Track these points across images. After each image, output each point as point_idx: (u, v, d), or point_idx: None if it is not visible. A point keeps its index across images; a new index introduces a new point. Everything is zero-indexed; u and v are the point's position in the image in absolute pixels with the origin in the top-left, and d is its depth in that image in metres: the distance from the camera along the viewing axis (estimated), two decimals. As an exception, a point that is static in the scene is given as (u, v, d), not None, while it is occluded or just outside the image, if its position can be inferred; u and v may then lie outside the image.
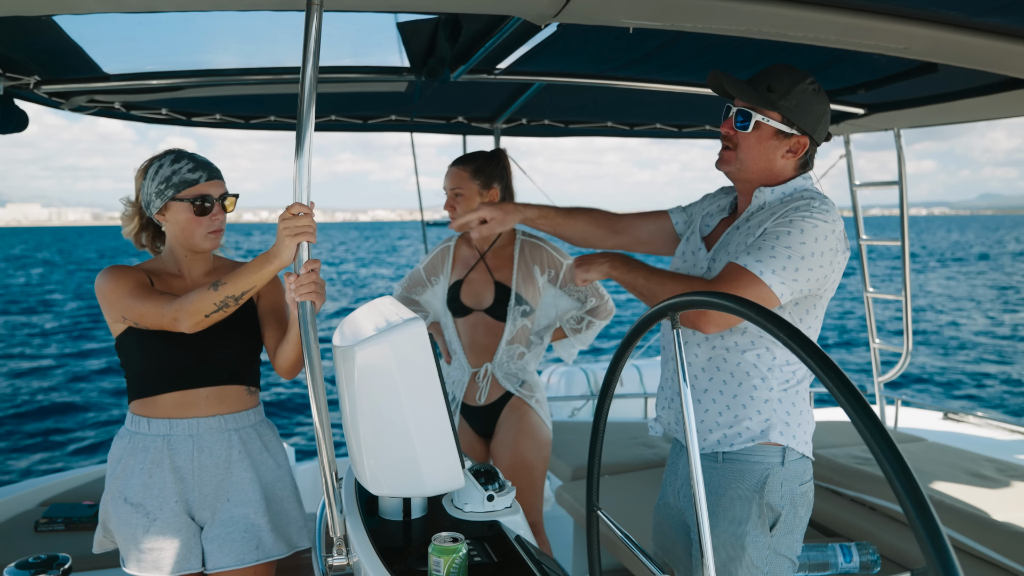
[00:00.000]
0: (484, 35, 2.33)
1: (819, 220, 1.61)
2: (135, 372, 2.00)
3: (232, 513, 2.00)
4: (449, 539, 1.29)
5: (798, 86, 1.70)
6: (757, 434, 1.69)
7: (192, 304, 1.82)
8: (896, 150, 3.79)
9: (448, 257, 2.88)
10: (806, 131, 1.72)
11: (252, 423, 2.09)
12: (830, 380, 0.94)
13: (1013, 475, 3.04)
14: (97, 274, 1.98)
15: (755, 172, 1.76)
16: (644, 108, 3.64)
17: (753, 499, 1.67)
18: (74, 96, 2.77)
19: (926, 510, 0.78)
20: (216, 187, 2.00)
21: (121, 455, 2.00)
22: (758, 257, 1.58)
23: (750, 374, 1.70)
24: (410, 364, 1.35)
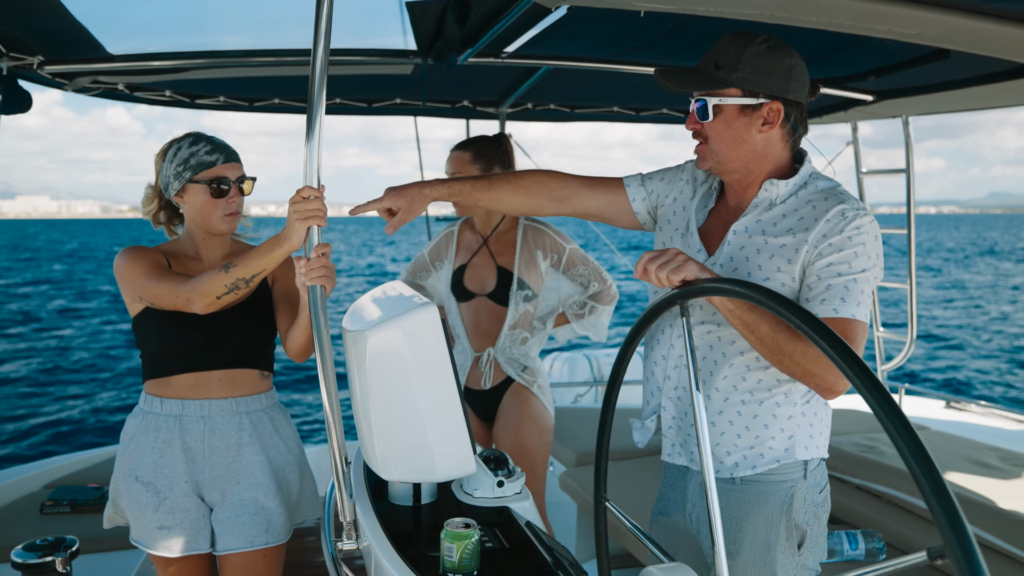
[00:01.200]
0: (493, 18, 2.30)
1: (867, 224, 1.48)
2: (150, 352, 2.02)
3: (242, 496, 2.00)
4: (462, 525, 1.29)
5: (747, 50, 1.52)
6: (781, 453, 1.56)
7: (204, 285, 1.83)
8: (904, 138, 3.76)
9: (452, 242, 2.87)
10: (774, 94, 1.53)
11: (264, 407, 2.09)
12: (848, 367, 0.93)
13: (1017, 463, 3.05)
14: None
15: (736, 159, 1.58)
16: (651, 93, 3.61)
17: (780, 521, 1.56)
18: (78, 77, 2.75)
19: (941, 486, 0.78)
20: (233, 169, 2.00)
21: (133, 433, 2.02)
22: (858, 301, 1.46)
23: (772, 390, 1.56)
24: (422, 348, 1.34)
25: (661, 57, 2.85)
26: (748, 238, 1.58)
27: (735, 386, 1.58)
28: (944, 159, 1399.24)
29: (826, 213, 1.50)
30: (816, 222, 1.51)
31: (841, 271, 1.47)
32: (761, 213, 1.59)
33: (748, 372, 1.58)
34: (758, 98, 1.54)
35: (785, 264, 1.52)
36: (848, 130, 3.95)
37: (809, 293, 1.50)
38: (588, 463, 3.40)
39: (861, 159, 4.02)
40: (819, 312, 1.47)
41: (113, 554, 2.68)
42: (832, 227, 1.49)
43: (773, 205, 1.59)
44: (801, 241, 1.51)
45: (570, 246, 2.79)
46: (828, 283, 1.47)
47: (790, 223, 1.54)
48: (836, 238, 1.48)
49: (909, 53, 2.60)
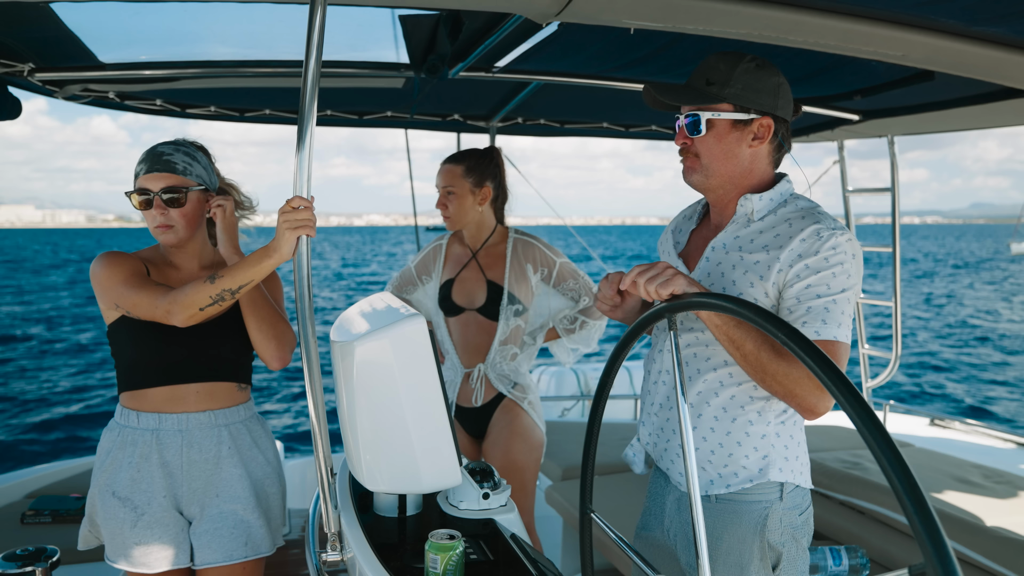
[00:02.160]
0: (484, 32, 2.32)
1: (844, 244, 1.49)
2: (125, 363, 1.98)
3: (221, 509, 1.98)
4: (446, 536, 1.29)
5: (738, 68, 1.57)
6: (755, 473, 1.57)
7: (187, 297, 1.79)
8: (889, 157, 3.80)
9: (440, 256, 2.86)
10: (765, 110, 1.58)
11: (242, 419, 2.07)
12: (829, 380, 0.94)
13: (999, 481, 3.07)
14: None
15: (725, 175, 1.62)
16: (640, 110, 3.64)
17: (753, 541, 1.56)
18: (68, 84, 2.75)
19: (924, 505, 0.79)
20: (156, 180, 1.91)
21: (110, 448, 1.98)
22: (839, 322, 1.47)
23: (745, 408, 1.57)
24: (410, 360, 1.34)
25: (651, 74, 2.87)
26: (725, 254, 1.61)
27: (707, 401, 1.60)
28: (927, 170, 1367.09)
29: (801, 232, 1.52)
30: (791, 240, 1.52)
31: (820, 292, 1.48)
32: (739, 229, 1.62)
33: (721, 388, 1.59)
34: (749, 113, 1.58)
35: (757, 280, 1.54)
36: (832, 145, 4.00)
37: (789, 316, 1.51)
38: (574, 477, 3.40)
39: (847, 177, 4.07)
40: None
41: (95, 565, 2.65)
42: (808, 247, 1.50)
43: (751, 222, 1.61)
44: (774, 258, 1.53)
45: (560, 260, 2.78)
46: (808, 305, 1.48)
47: (766, 240, 1.57)
48: (812, 259, 1.49)
49: (894, 74, 2.64)
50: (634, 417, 4.81)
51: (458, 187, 2.70)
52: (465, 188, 2.70)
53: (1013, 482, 3.06)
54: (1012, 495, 2.90)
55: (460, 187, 2.70)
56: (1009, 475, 3.18)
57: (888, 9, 1.84)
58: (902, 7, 1.82)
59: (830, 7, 1.82)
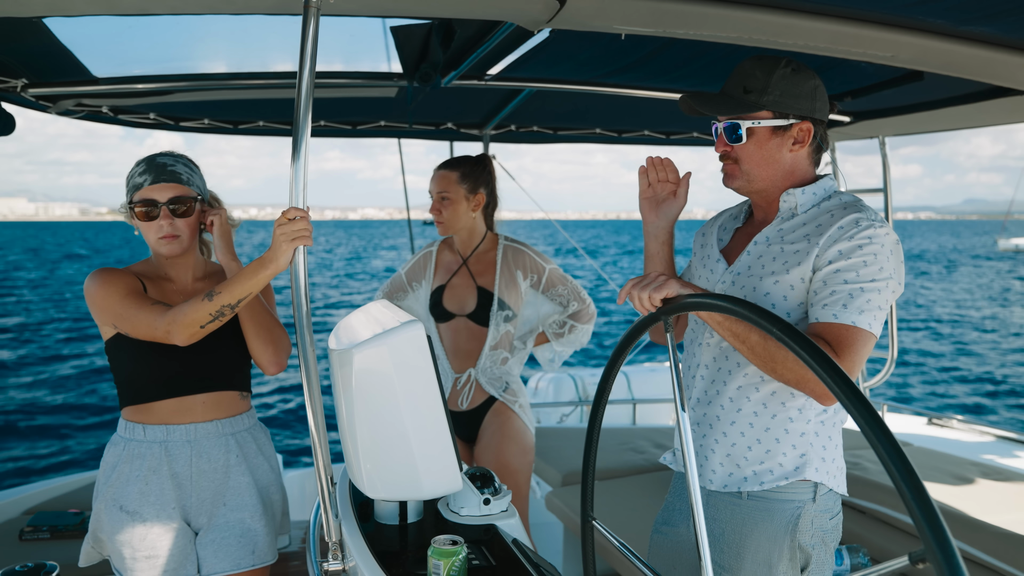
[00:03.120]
0: (476, 40, 2.33)
1: (881, 236, 1.49)
2: (128, 378, 1.96)
3: (228, 518, 1.98)
4: (448, 542, 1.29)
5: (775, 74, 1.58)
6: (791, 471, 1.56)
7: (186, 316, 1.78)
8: (881, 157, 3.82)
9: (430, 262, 2.88)
10: (803, 114, 1.59)
11: (247, 427, 2.08)
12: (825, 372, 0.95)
13: (997, 478, 3.08)
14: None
15: (766, 179, 1.63)
16: (633, 115, 3.66)
17: (784, 540, 1.55)
18: (61, 100, 2.75)
19: (921, 491, 0.79)
20: (163, 191, 1.90)
21: (115, 463, 1.96)
22: (861, 308, 1.45)
23: (786, 404, 1.56)
24: (409, 367, 1.34)
25: (642, 79, 2.89)
26: (767, 247, 1.63)
27: (748, 396, 1.59)
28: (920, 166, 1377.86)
29: (841, 220, 1.53)
30: (830, 227, 1.53)
31: (848, 279, 1.47)
32: (782, 223, 1.63)
33: (762, 383, 1.58)
34: (788, 119, 1.59)
35: (795, 267, 1.54)
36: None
37: (814, 298, 1.51)
38: (574, 483, 3.40)
39: (840, 178, 4.08)
40: (819, 317, 1.48)
41: (94, 580, 2.64)
42: (843, 234, 1.51)
43: (794, 215, 1.62)
44: (813, 245, 1.53)
45: (549, 266, 2.81)
46: (832, 289, 1.48)
47: (808, 230, 1.57)
48: (845, 245, 1.49)
49: (884, 75, 2.66)
50: (632, 422, 4.81)
51: (453, 193, 2.72)
52: (460, 194, 2.72)
53: (1012, 479, 3.07)
54: (1010, 492, 2.91)
55: (455, 193, 2.72)
56: (1008, 472, 3.19)
57: (877, 10, 1.85)
58: (890, 8, 1.83)
59: (819, 10, 1.83)
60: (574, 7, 1.75)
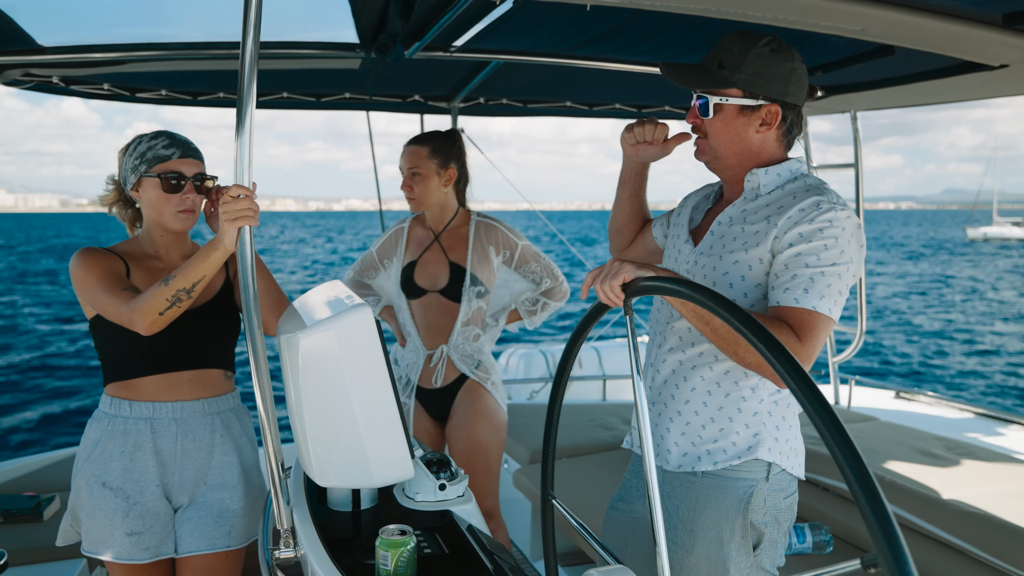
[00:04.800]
0: (438, 11, 2.26)
1: (842, 219, 1.47)
2: (114, 354, 1.95)
3: (207, 497, 1.97)
4: (397, 532, 1.26)
5: (751, 52, 1.54)
6: (744, 450, 1.55)
7: (145, 304, 1.76)
8: (852, 132, 3.81)
9: (402, 239, 2.84)
10: (773, 97, 1.56)
11: (231, 407, 2.07)
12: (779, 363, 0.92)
13: (961, 453, 3.11)
14: None
15: (732, 156, 1.62)
16: (603, 88, 3.61)
17: (736, 518, 1.55)
18: (7, 70, 2.64)
19: (876, 497, 0.77)
20: (190, 166, 1.95)
21: (98, 438, 1.94)
22: (822, 293, 1.44)
23: (739, 383, 1.56)
24: (356, 351, 1.30)
25: (611, 51, 2.83)
26: (729, 227, 1.61)
27: (702, 376, 1.59)
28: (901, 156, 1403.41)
29: (802, 202, 1.51)
30: (791, 208, 1.51)
31: (809, 262, 1.46)
32: (746, 204, 1.62)
33: (715, 362, 1.58)
34: (758, 100, 1.57)
35: (754, 247, 1.53)
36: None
37: (775, 281, 1.50)
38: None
39: (807, 152, 4.07)
40: (780, 300, 1.47)
41: (47, 565, 2.58)
42: (804, 216, 1.49)
43: (758, 196, 1.61)
44: (772, 225, 1.52)
45: (522, 242, 2.79)
46: (794, 272, 1.47)
47: (770, 212, 1.56)
48: (806, 228, 1.48)
49: (855, 49, 2.62)
50: (603, 398, 4.81)
51: (423, 168, 2.68)
52: (431, 169, 2.68)
53: (974, 454, 3.10)
54: (972, 467, 2.93)
55: (426, 168, 2.68)
56: (971, 447, 3.22)
57: None
58: None
59: None
60: (536, -24, 1.69)
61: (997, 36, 2.05)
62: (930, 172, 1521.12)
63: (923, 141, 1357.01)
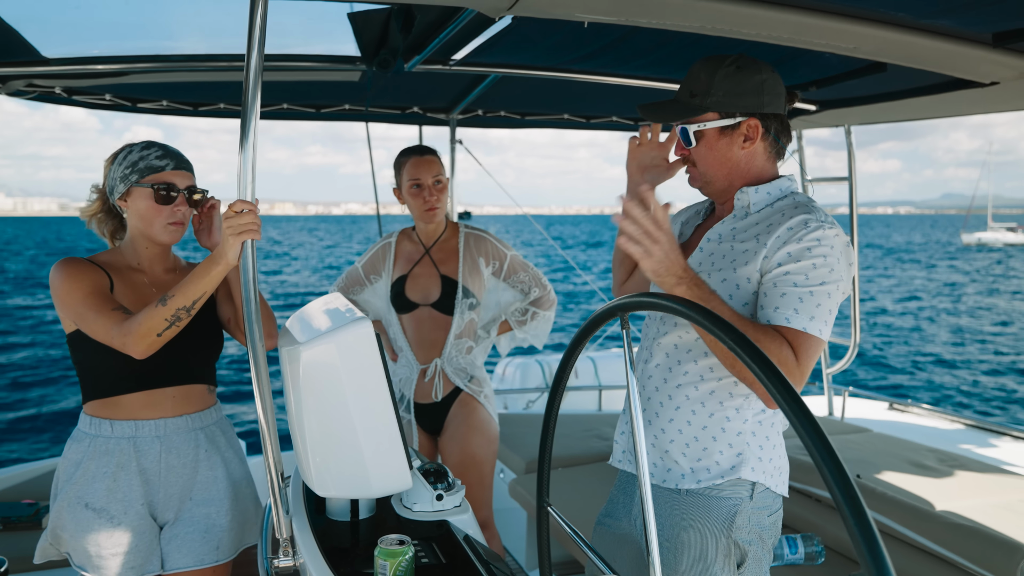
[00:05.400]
0: (438, 26, 2.29)
1: (831, 237, 1.48)
2: (94, 371, 1.90)
3: (194, 513, 1.95)
4: (396, 541, 1.28)
5: (718, 73, 1.58)
6: (727, 469, 1.56)
7: (140, 326, 1.73)
8: (847, 147, 3.84)
9: (389, 253, 2.84)
10: (750, 111, 1.59)
11: (215, 421, 2.05)
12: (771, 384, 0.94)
13: (953, 465, 3.13)
14: None
15: (722, 179, 1.65)
16: (601, 101, 3.64)
17: (720, 536, 1.56)
18: (11, 80, 2.67)
19: (863, 517, 0.79)
20: (182, 178, 1.92)
21: (80, 459, 1.89)
22: (812, 314, 1.44)
23: (723, 404, 1.57)
24: (357, 364, 1.32)
25: (609, 66, 2.87)
26: (719, 244, 1.63)
27: (687, 395, 1.60)
28: (899, 160, 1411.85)
29: (790, 220, 1.52)
30: (779, 227, 1.53)
31: (798, 281, 1.47)
32: (736, 222, 1.63)
33: (701, 381, 1.59)
34: (735, 117, 1.59)
35: (742, 266, 1.54)
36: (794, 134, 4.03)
37: (764, 300, 1.50)
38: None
39: (806, 167, 4.11)
40: (771, 319, 1.48)
41: (46, 572, 2.59)
42: (792, 235, 1.50)
43: (748, 214, 1.62)
44: (762, 245, 1.53)
45: (511, 253, 2.81)
46: (783, 291, 1.47)
47: (759, 230, 1.57)
48: (795, 247, 1.48)
49: (848, 65, 2.66)
50: (598, 408, 4.83)
51: (444, 177, 2.71)
52: (446, 179, 2.72)
53: (966, 465, 3.12)
54: (964, 479, 2.96)
55: (445, 177, 2.72)
56: (963, 459, 3.24)
57: (839, 3, 1.85)
58: (853, 1, 1.83)
59: (782, 0, 1.82)
60: (534, -6, 1.72)
61: (987, 55, 2.08)
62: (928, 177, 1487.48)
63: (921, 146, 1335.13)
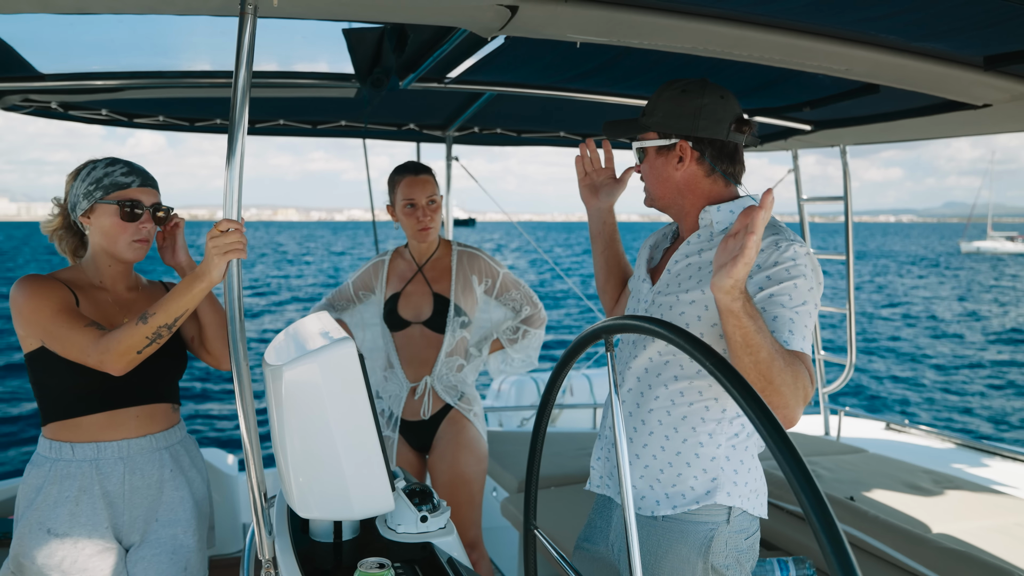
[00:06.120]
0: (431, 45, 2.30)
1: (802, 255, 1.50)
2: (54, 391, 1.85)
3: (160, 534, 1.92)
4: (376, 564, 1.26)
5: (662, 96, 1.64)
6: (702, 495, 1.55)
7: (120, 344, 1.70)
8: (842, 166, 3.86)
9: (382, 272, 2.82)
10: (683, 133, 1.61)
11: (179, 440, 2.02)
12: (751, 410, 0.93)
13: (948, 486, 3.11)
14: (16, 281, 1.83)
15: (664, 197, 1.69)
16: (596, 119, 3.65)
17: (697, 562, 1.54)
18: (7, 96, 2.68)
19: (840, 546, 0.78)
20: (148, 195, 1.90)
21: (40, 484, 1.84)
22: (803, 335, 1.45)
23: (696, 429, 1.57)
24: (339, 384, 1.31)
25: (603, 85, 2.88)
26: (686, 265, 1.63)
27: (660, 420, 1.60)
28: (901, 169, 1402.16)
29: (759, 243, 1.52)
30: None
31: (784, 303, 1.46)
32: (702, 242, 1.64)
33: (673, 406, 1.59)
34: (670, 138, 1.63)
35: (709, 286, 1.50)
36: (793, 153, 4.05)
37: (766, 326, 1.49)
38: (531, 489, 3.38)
39: (802, 186, 4.12)
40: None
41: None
42: (766, 258, 1.50)
43: (713, 234, 1.62)
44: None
45: (503, 271, 2.81)
46: (775, 314, 1.46)
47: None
48: (773, 270, 1.49)
49: (841, 87, 2.67)
50: (593, 426, 4.81)
51: (437, 197, 2.71)
52: (440, 198, 2.72)
53: (961, 487, 3.10)
54: (960, 500, 2.94)
55: (438, 197, 2.71)
56: (958, 480, 3.22)
57: (831, 25, 1.86)
58: (844, 23, 1.83)
59: (774, 22, 1.83)
60: (526, 15, 1.72)
61: (979, 77, 2.09)
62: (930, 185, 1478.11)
63: (923, 154, 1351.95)
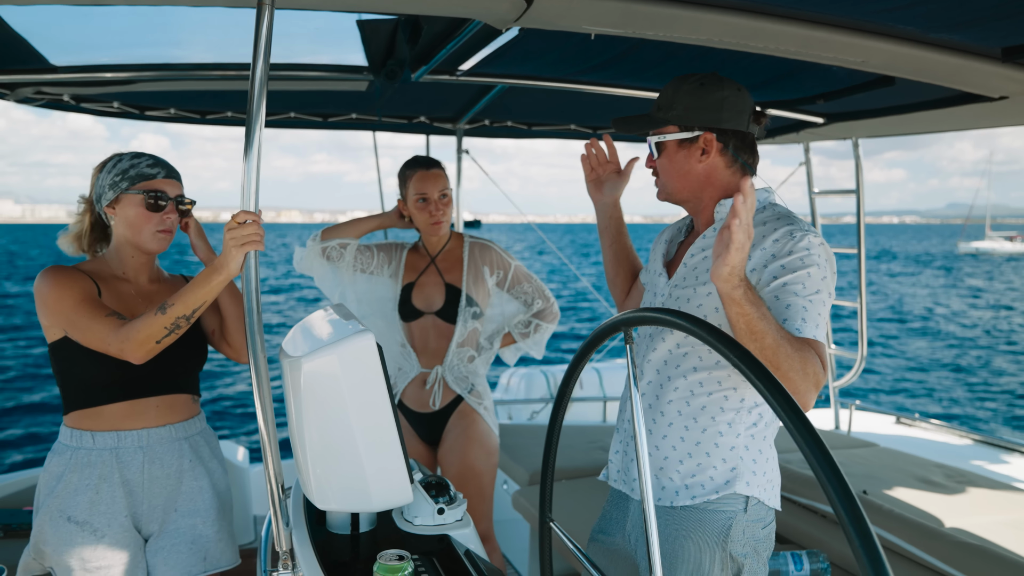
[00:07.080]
0: (445, 37, 2.29)
1: (817, 245, 1.51)
2: (77, 381, 1.88)
3: (179, 524, 1.94)
4: (395, 557, 1.26)
5: (681, 89, 1.65)
6: (721, 484, 1.57)
7: (139, 333, 1.73)
8: (854, 159, 3.83)
9: (402, 254, 2.82)
10: (707, 125, 1.63)
11: (199, 431, 2.04)
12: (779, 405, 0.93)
13: (961, 481, 3.10)
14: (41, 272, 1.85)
15: (682, 189, 1.70)
16: (608, 112, 3.64)
17: (715, 550, 1.55)
18: (20, 88, 2.68)
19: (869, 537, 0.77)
20: (173, 186, 1.94)
21: (61, 472, 1.87)
22: (816, 323, 1.47)
23: (716, 418, 1.58)
24: (358, 376, 1.31)
25: (616, 78, 2.86)
26: (703, 259, 1.64)
27: (679, 411, 1.61)
28: (904, 170, 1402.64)
29: (774, 232, 1.54)
30: (764, 239, 1.54)
31: (798, 291, 1.48)
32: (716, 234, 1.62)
33: (692, 397, 1.60)
34: (693, 131, 1.64)
35: None
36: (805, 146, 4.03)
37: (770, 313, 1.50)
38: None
39: (813, 179, 4.10)
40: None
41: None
42: (781, 248, 1.52)
43: None
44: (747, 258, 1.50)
45: (515, 263, 2.81)
46: (788, 303, 1.48)
47: None
48: (787, 259, 1.50)
49: (856, 79, 2.65)
50: (603, 419, 4.81)
51: (449, 191, 2.71)
52: (451, 192, 2.73)
53: (974, 482, 3.09)
54: (972, 495, 2.93)
55: (450, 191, 2.72)
56: (971, 474, 3.21)
57: (847, 16, 1.84)
58: (861, 14, 1.82)
59: (790, 14, 1.82)
60: (541, 6, 1.72)
61: (996, 69, 2.07)
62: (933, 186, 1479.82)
63: (926, 155, 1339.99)
